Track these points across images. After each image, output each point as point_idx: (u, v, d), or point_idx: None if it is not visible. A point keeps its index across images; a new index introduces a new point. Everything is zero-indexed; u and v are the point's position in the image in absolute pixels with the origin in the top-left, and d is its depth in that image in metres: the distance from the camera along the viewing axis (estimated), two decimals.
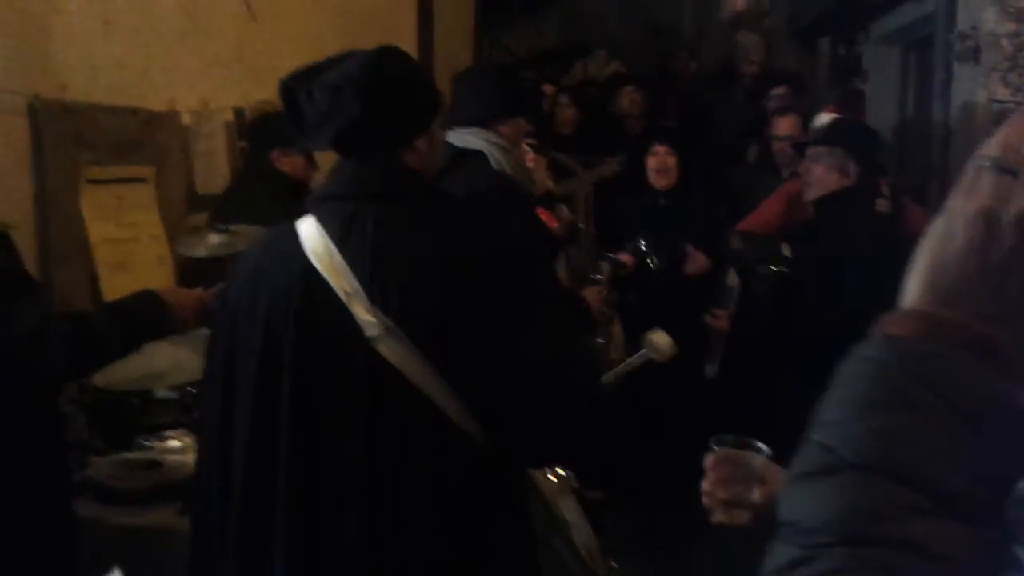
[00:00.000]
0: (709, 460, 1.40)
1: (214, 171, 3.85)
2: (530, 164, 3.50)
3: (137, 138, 3.51)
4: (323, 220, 1.72)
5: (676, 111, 6.21)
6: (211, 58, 3.92)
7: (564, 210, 4.16)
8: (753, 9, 7.02)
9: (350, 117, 1.70)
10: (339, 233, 1.70)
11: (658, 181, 4.40)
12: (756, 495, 1.37)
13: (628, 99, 5.88)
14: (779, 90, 5.23)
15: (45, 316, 1.97)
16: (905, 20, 4.94)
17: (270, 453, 1.68)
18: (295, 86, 1.75)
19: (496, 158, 2.63)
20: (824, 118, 4.15)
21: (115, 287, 3.04)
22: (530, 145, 3.40)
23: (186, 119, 3.79)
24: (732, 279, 3.35)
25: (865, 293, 2.61)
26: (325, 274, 1.67)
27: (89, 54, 3.32)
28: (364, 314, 1.65)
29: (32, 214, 3.12)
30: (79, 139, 3.25)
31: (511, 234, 2.32)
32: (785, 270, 3.03)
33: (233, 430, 1.72)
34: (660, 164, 4.40)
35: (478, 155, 2.61)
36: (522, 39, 7.63)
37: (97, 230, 3.29)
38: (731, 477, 1.38)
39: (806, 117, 4.48)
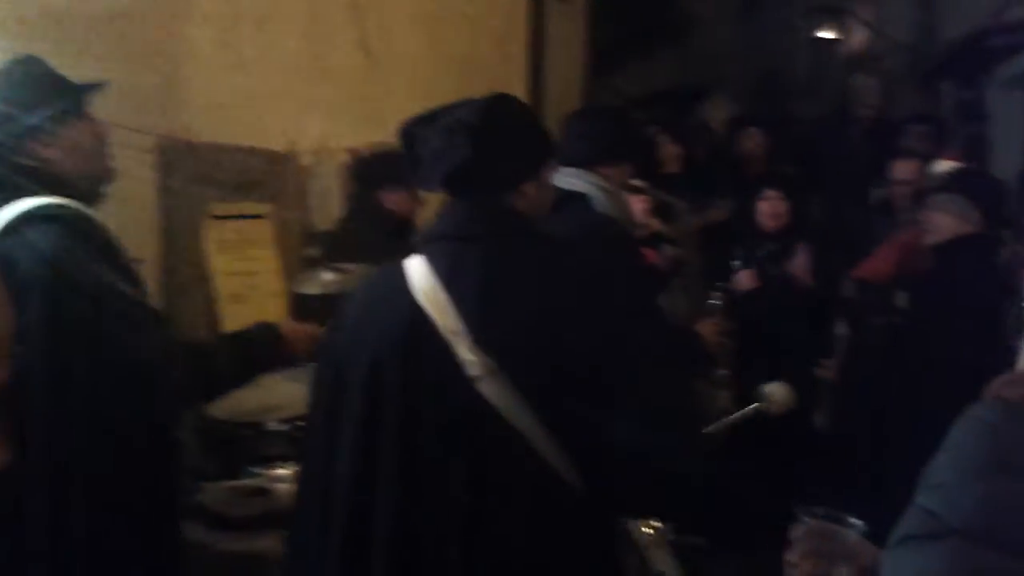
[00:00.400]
0: (797, 531, 1.34)
1: (329, 209, 3.98)
2: (637, 206, 3.50)
3: (258, 177, 3.66)
4: (430, 259, 1.76)
5: (792, 154, 6.10)
6: (330, 101, 4.07)
7: (669, 250, 4.13)
8: (870, 50, 6.88)
9: (460, 159, 1.74)
10: (445, 273, 1.73)
11: (768, 225, 4.34)
12: (844, 573, 1.29)
13: (752, 141, 5.77)
14: (919, 127, 5.07)
15: (167, 346, 2.06)
16: None
17: (370, 488, 1.71)
18: (413, 129, 1.81)
19: (600, 200, 2.63)
20: (944, 164, 4.02)
21: (233, 317, 3.16)
22: (634, 187, 3.40)
23: (305, 159, 3.94)
24: (841, 328, 3.27)
25: (982, 345, 2.51)
26: (431, 313, 1.71)
27: (215, 97, 3.49)
28: (467, 354, 1.68)
29: (158, 247, 3.28)
30: (204, 177, 3.41)
31: (615, 278, 2.33)
32: (898, 320, 2.93)
33: (335, 464, 1.75)
34: (772, 209, 4.33)
35: (582, 197, 2.63)
36: (634, 82, 7.65)
37: (218, 263, 3.43)
38: (819, 551, 1.31)
39: (927, 162, 4.35)
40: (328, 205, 3.99)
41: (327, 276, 2.86)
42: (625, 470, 1.73)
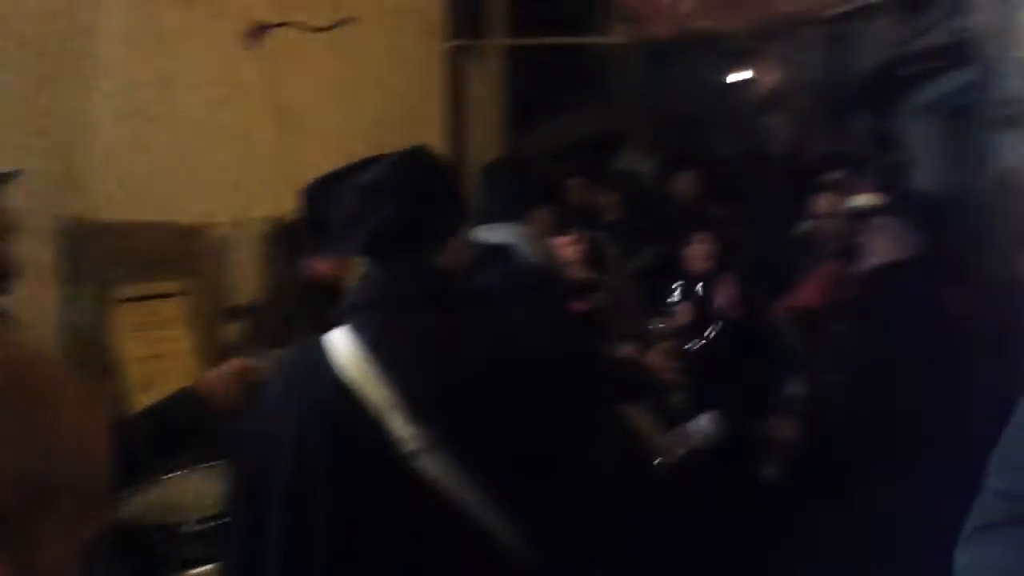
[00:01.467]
0: None
1: (248, 282, 3.82)
2: (568, 253, 3.41)
3: (170, 253, 3.49)
4: (356, 330, 1.64)
5: (719, 194, 6.14)
6: (243, 168, 3.93)
7: (600, 297, 4.06)
8: (782, 89, 6.99)
9: (384, 218, 1.63)
10: (373, 342, 1.61)
11: (698, 268, 4.35)
12: None
13: (684, 183, 5.76)
14: (835, 159, 5.12)
15: None
16: (944, 89, 4.87)
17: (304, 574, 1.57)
18: (319, 191, 1.70)
19: (525, 250, 2.54)
20: (862, 197, 4.05)
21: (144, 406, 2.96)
22: (564, 233, 3.32)
23: (220, 231, 3.78)
24: (796, 387, 3.22)
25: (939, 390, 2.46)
26: (359, 387, 1.59)
27: (120, 172, 3.32)
28: (402, 427, 1.56)
29: (57, 339, 3.06)
30: (111, 258, 3.23)
31: (551, 335, 2.23)
32: (850, 377, 2.89)
33: (262, 555, 1.61)
34: (700, 253, 4.38)
35: (505, 249, 2.53)
36: (554, 135, 7.66)
37: (128, 348, 3.24)
38: None
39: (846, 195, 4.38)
40: (246, 278, 3.83)
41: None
42: (578, 540, 1.64)
